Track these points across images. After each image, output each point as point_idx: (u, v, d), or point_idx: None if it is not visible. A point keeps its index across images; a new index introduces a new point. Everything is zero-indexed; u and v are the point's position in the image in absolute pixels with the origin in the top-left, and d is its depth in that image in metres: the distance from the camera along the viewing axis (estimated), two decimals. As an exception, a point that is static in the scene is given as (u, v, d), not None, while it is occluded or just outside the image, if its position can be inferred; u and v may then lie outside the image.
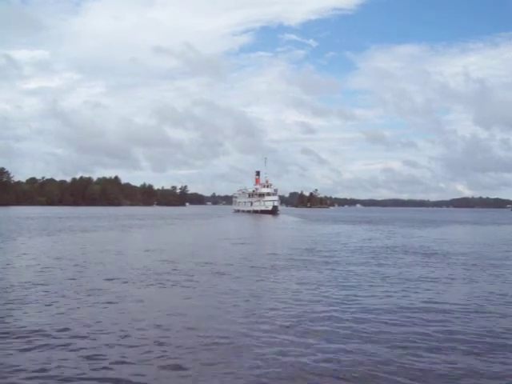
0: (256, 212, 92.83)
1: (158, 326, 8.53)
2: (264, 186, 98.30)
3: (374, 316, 9.42)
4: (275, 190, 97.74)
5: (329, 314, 9.50)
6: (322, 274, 14.73)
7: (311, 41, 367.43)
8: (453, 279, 14.18)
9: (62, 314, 9.38)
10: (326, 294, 11.53)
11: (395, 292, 11.95)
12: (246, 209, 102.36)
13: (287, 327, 8.55)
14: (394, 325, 8.80)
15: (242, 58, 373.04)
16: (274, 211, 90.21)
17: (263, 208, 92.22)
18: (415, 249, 23.59)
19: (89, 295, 11.12)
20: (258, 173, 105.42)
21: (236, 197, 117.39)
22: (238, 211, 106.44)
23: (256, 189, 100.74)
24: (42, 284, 12.43)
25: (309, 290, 12.07)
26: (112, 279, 13.33)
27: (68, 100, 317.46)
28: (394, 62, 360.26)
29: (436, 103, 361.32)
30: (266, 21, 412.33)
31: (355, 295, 11.47)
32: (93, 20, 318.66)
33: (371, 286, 12.85)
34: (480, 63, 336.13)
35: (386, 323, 8.89)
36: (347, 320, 9.07)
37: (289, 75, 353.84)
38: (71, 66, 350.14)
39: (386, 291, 12.05)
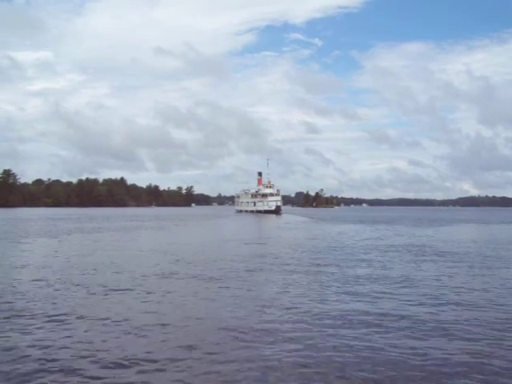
0: (259, 212, 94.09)
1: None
2: (266, 187, 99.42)
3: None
4: (278, 191, 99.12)
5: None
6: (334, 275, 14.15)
7: (316, 40, 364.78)
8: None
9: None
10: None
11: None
12: (249, 209, 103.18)
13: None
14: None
15: (246, 57, 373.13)
16: (277, 211, 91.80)
17: (266, 208, 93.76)
18: (432, 249, 22.86)
19: (108, 292, 11.32)
20: (260, 174, 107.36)
21: (238, 197, 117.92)
22: (241, 211, 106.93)
23: (259, 189, 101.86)
24: (58, 284, 12.42)
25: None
26: (121, 279, 13.37)
27: (72, 101, 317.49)
28: (399, 60, 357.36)
29: (441, 102, 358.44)
30: (271, 19, 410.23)
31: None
32: (96, 20, 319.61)
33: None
34: (486, 60, 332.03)
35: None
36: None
37: (293, 75, 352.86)
38: (75, 67, 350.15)
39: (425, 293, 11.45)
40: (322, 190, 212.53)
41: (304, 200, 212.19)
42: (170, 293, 11.39)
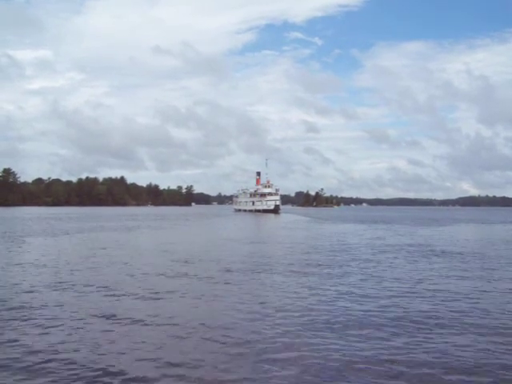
0: (258, 211, 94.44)
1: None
2: (265, 186, 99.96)
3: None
4: (277, 190, 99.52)
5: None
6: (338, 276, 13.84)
7: (316, 39, 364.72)
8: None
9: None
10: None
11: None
12: (247, 208, 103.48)
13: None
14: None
15: (246, 56, 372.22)
16: (275, 210, 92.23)
17: (265, 207, 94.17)
18: (433, 248, 22.66)
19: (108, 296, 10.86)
20: (258, 173, 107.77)
21: (237, 196, 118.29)
22: (239, 210, 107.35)
23: (257, 189, 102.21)
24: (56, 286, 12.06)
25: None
26: (119, 279, 13.04)
27: (71, 100, 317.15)
28: (399, 59, 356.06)
29: (441, 101, 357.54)
30: (271, 18, 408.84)
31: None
32: (95, 19, 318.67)
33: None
34: (487, 60, 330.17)
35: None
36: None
37: (293, 74, 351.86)
38: (74, 66, 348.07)
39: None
40: (322, 189, 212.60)
41: (304, 199, 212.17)
42: (168, 294, 11.12)
